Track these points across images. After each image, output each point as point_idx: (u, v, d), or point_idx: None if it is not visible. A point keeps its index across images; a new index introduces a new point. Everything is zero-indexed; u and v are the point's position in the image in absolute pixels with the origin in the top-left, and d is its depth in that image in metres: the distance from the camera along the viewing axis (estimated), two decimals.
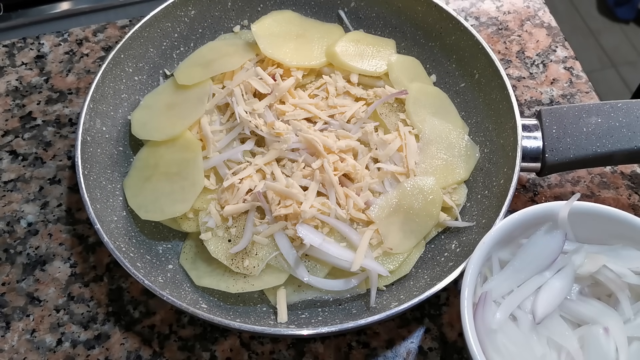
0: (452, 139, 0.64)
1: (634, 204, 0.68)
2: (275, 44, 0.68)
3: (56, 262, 0.64)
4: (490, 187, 0.62)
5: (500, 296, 0.51)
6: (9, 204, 0.68)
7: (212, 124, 0.65)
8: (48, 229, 0.66)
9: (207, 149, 0.63)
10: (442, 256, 0.60)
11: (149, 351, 0.58)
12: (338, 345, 0.59)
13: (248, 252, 0.58)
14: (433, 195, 0.60)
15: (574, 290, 0.52)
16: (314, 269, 0.58)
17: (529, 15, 0.85)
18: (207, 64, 0.68)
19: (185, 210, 0.60)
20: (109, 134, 0.66)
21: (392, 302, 0.56)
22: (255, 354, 0.58)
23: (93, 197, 0.59)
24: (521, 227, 0.53)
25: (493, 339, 0.48)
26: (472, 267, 0.50)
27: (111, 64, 0.66)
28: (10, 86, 0.77)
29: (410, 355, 0.58)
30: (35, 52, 0.80)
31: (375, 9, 0.75)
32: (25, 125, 0.74)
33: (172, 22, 0.71)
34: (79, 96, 0.76)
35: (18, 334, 0.59)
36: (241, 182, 0.60)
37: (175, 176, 0.61)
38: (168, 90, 0.69)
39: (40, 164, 0.71)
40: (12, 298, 0.62)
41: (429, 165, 0.62)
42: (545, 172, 0.63)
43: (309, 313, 0.58)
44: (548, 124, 0.61)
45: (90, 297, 0.61)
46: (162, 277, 0.58)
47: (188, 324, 0.60)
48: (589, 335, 0.49)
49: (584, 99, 0.76)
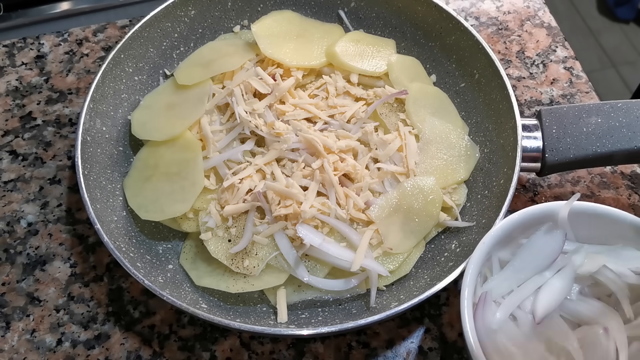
0: (452, 139, 0.64)
1: (634, 204, 0.68)
2: (275, 44, 0.68)
3: (56, 262, 0.64)
4: (490, 187, 0.62)
5: (500, 296, 0.51)
6: (9, 204, 0.68)
7: (212, 124, 0.65)
8: (48, 229, 0.66)
9: (207, 149, 0.63)
10: (442, 256, 0.60)
11: (149, 351, 0.58)
12: (338, 345, 0.59)
13: (248, 252, 0.58)
14: (433, 195, 0.60)
15: (574, 290, 0.52)
16: (314, 269, 0.58)
17: (529, 15, 0.85)
18: (207, 64, 0.68)
19: (185, 210, 0.60)
20: (109, 134, 0.66)
21: (392, 302, 0.56)
22: (255, 354, 0.58)
23: (93, 197, 0.59)
24: (521, 227, 0.53)
25: (493, 339, 0.48)
26: (472, 267, 0.50)
27: (111, 64, 0.66)
28: (10, 86, 0.77)
29: (410, 355, 0.58)
30: (35, 52, 0.80)
31: (375, 9, 0.75)
32: (25, 125, 0.74)
33: (172, 22, 0.71)
34: (79, 96, 0.76)
35: (18, 334, 0.59)
36: (241, 182, 0.60)
37: (175, 176, 0.61)
38: (168, 90, 0.69)
39: (40, 164, 0.71)
40: (12, 298, 0.62)
41: (429, 165, 0.62)
42: (545, 172, 0.63)
43: (309, 313, 0.58)
44: (548, 124, 0.61)
45: (90, 297, 0.62)
46: (162, 277, 0.58)
47: (188, 324, 0.60)
48: (589, 335, 0.49)
49: (584, 99, 0.76)
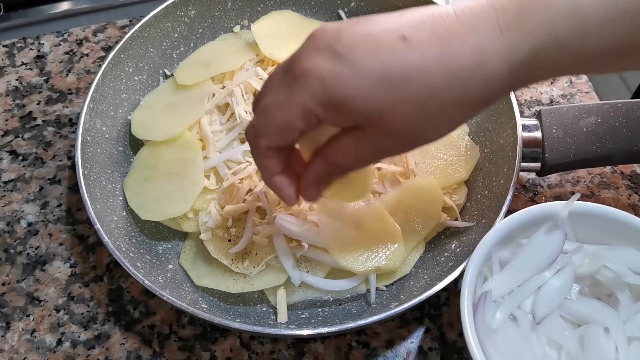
0: (452, 139, 0.64)
1: (634, 204, 0.68)
2: (275, 44, 0.68)
3: (56, 262, 0.64)
4: (490, 187, 0.62)
5: (500, 296, 0.51)
6: (9, 204, 0.68)
7: (212, 124, 0.65)
8: (48, 229, 0.66)
9: (207, 149, 0.63)
10: (442, 256, 0.60)
11: (149, 351, 0.58)
12: (338, 345, 0.59)
13: (248, 252, 0.58)
14: (433, 196, 0.60)
15: (574, 290, 0.52)
16: (314, 269, 0.58)
17: None
18: (207, 64, 0.68)
19: (185, 210, 0.60)
20: (109, 134, 0.66)
21: (392, 302, 0.56)
22: (255, 354, 0.58)
23: (93, 197, 0.59)
24: (521, 227, 0.53)
25: (493, 339, 0.48)
26: (472, 267, 0.50)
27: (111, 64, 0.66)
28: (10, 86, 0.77)
29: (410, 355, 0.58)
30: (35, 52, 0.80)
31: (375, 9, 0.75)
32: (25, 125, 0.74)
33: (172, 22, 0.71)
34: (79, 96, 0.76)
35: (18, 334, 0.59)
36: (241, 182, 0.60)
37: (175, 176, 0.61)
38: (168, 90, 0.69)
39: (40, 164, 0.71)
40: (12, 298, 0.62)
41: (429, 165, 0.62)
42: (545, 172, 0.63)
43: (309, 313, 0.58)
44: (548, 124, 0.61)
45: (90, 297, 0.62)
46: (162, 277, 0.58)
47: (188, 324, 0.60)
48: (589, 335, 0.49)
49: (584, 99, 0.76)
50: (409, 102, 0.39)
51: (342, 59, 0.38)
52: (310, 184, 0.46)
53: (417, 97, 0.39)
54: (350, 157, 0.43)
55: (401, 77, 0.38)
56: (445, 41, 0.38)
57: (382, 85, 0.38)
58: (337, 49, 0.39)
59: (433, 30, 0.39)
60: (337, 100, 0.39)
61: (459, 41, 0.38)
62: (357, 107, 0.39)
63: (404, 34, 0.38)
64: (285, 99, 0.40)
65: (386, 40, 0.38)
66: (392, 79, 0.38)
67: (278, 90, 0.41)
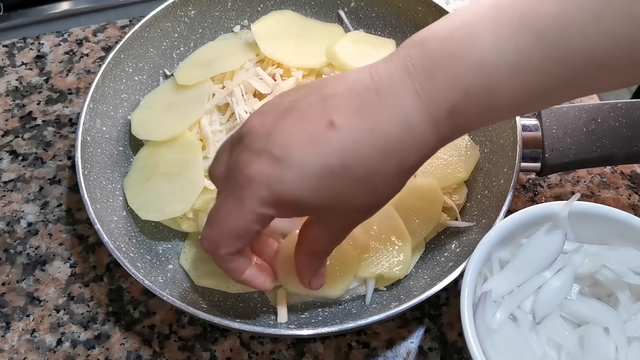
0: None
1: (634, 204, 0.68)
2: (275, 44, 0.68)
3: (56, 262, 0.64)
4: (490, 187, 0.62)
5: (500, 296, 0.51)
6: (9, 204, 0.68)
7: (212, 124, 0.65)
8: (48, 229, 0.66)
9: (207, 149, 0.63)
10: (442, 256, 0.60)
11: (149, 351, 0.58)
12: (338, 345, 0.59)
13: None
14: (433, 196, 0.60)
15: (574, 290, 0.52)
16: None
17: None
18: (207, 64, 0.68)
19: (185, 210, 0.60)
20: (109, 134, 0.66)
21: (392, 302, 0.56)
22: (255, 354, 0.58)
23: (93, 197, 0.59)
24: (521, 227, 0.53)
25: (493, 339, 0.48)
26: (472, 267, 0.50)
27: (111, 64, 0.66)
28: (10, 86, 0.77)
29: (410, 355, 0.58)
30: (35, 52, 0.80)
31: (375, 9, 0.75)
32: (25, 125, 0.74)
33: (172, 22, 0.71)
34: (79, 96, 0.76)
35: (18, 334, 0.59)
36: None
37: (175, 176, 0.61)
38: (168, 90, 0.69)
39: (40, 164, 0.71)
40: (12, 298, 0.62)
41: (429, 165, 0.62)
42: (545, 172, 0.63)
43: (309, 313, 0.58)
44: (548, 124, 0.61)
45: (90, 297, 0.62)
46: (162, 277, 0.58)
47: (188, 324, 0.60)
48: (589, 335, 0.49)
49: (583, 99, 0.76)
50: (354, 185, 0.40)
51: (281, 162, 0.39)
52: (310, 276, 0.49)
53: (360, 179, 0.40)
54: (325, 242, 0.46)
55: (341, 166, 0.39)
56: (371, 117, 0.39)
57: (326, 179, 0.39)
58: (274, 152, 0.39)
59: (358, 108, 0.39)
60: (286, 200, 0.40)
61: (384, 115, 0.39)
62: (307, 203, 0.40)
63: (331, 119, 0.39)
64: (236, 207, 0.41)
65: (316, 132, 0.39)
66: (333, 170, 0.39)
67: (225, 199, 0.42)
